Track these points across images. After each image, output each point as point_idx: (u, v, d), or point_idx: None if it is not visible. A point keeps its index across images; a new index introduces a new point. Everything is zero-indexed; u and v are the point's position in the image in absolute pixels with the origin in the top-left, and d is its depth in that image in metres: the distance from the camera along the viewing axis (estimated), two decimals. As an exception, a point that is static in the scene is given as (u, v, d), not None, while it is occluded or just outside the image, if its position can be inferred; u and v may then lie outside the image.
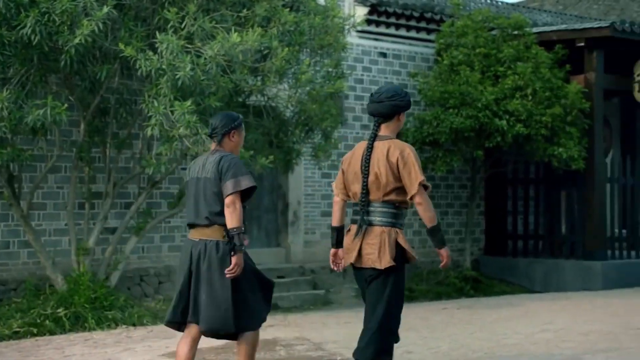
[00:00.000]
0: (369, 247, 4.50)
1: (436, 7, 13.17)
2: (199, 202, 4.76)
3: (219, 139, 4.85)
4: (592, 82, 12.44)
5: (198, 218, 4.76)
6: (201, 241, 4.72)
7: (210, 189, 4.70)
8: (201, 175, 4.78)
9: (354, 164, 4.64)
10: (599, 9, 21.80)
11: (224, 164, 4.69)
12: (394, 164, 4.49)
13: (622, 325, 7.78)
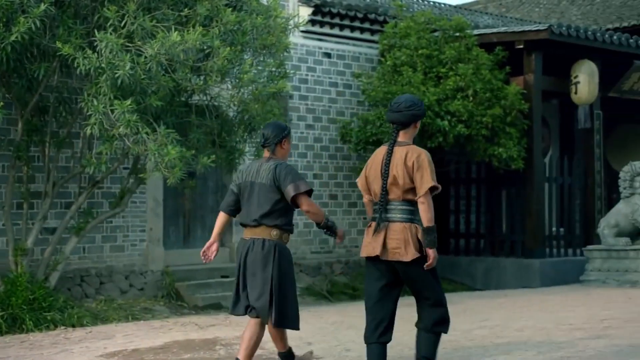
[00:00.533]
0: (394, 241, 4.91)
1: (380, 8, 13.31)
2: (252, 205, 5.28)
3: (272, 148, 5.36)
4: (531, 83, 12.72)
5: (248, 219, 5.31)
6: (250, 239, 5.27)
7: (265, 193, 5.23)
8: (256, 180, 5.29)
9: (375, 166, 5.10)
10: (540, 12, 22.27)
11: (280, 172, 5.21)
12: (410, 167, 4.95)
13: (556, 320, 7.99)
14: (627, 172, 12.09)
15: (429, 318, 5.12)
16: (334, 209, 13.05)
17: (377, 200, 5.00)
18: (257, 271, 5.16)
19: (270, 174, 5.21)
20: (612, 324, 7.63)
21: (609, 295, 10.33)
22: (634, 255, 11.67)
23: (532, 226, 12.77)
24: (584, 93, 12.96)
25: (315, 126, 12.92)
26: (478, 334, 7.25)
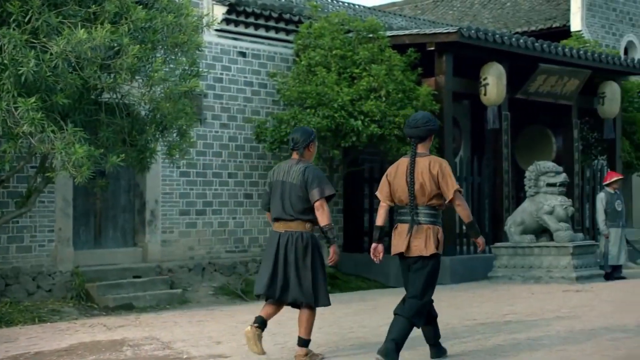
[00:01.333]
0: (417, 240, 5.80)
1: (295, 8, 13.38)
2: (285, 201, 5.95)
3: (301, 151, 6.05)
4: (442, 84, 13.03)
5: (284, 214, 5.96)
6: (286, 232, 5.93)
7: (296, 192, 5.92)
8: (286, 180, 5.97)
9: (399, 176, 5.83)
10: (453, 15, 22.78)
11: (309, 174, 5.91)
12: (435, 175, 5.70)
13: (461, 316, 8.21)
14: (532, 172, 12.49)
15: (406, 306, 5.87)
16: (249, 208, 13.07)
17: (407, 205, 5.78)
18: (300, 261, 5.92)
19: (300, 175, 5.92)
20: (513, 319, 7.90)
21: (514, 291, 10.68)
22: (538, 252, 12.09)
23: (443, 224, 13.03)
24: (493, 94, 13.35)
25: (230, 125, 12.90)
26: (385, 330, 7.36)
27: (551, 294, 10.18)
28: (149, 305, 10.33)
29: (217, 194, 12.68)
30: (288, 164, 6.06)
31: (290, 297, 6.01)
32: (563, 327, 7.22)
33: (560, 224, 12.07)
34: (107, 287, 10.50)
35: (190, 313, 9.48)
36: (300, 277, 5.93)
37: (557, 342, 6.47)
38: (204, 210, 12.47)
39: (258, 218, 13.12)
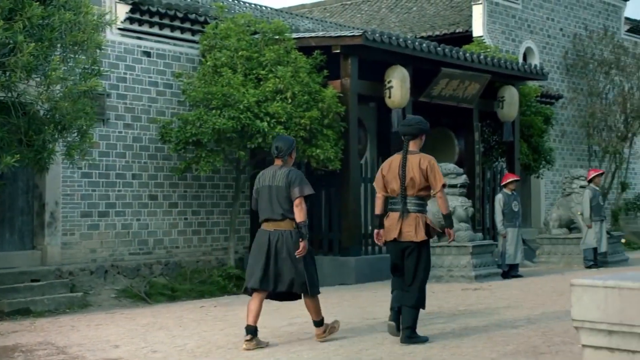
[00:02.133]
0: (408, 227, 6.47)
1: (200, 8, 13.30)
2: (273, 203, 6.59)
3: (284, 158, 6.70)
4: (348, 87, 13.19)
5: (274, 214, 6.60)
6: (276, 231, 6.57)
7: (282, 194, 6.56)
8: (272, 184, 6.62)
9: (392, 169, 6.58)
10: (361, 18, 23.09)
11: (292, 176, 6.61)
12: (424, 170, 6.47)
13: (362, 315, 8.35)
14: (435, 173, 12.79)
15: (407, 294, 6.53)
16: (154, 210, 12.90)
17: (397, 196, 6.52)
18: (291, 256, 6.50)
19: (285, 178, 6.58)
20: (412, 317, 8.07)
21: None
22: (440, 251, 12.38)
23: (349, 225, 13.25)
24: (397, 97, 13.61)
25: (135, 126, 12.71)
26: (286, 331, 7.44)
27: (450, 293, 10.44)
28: (47, 310, 10.07)
29: (120, 195, 12.47)
30: (272, 169, 6.72)
31: (285, 287, 6.62)
32: (458, 325, 7.43)
33: (460, 224, 12.40)
34: (3, 292, 10.17)
35: (89, 317, 9.29)
36: (294, 269, 6.55)
37: (451, 340, 6.65)
38: (107, 212, 12.24)
39: (163, 220, 12.98)
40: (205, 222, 13.61)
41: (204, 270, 12.93)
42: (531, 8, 21.08)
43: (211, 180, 13.75)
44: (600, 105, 22.01)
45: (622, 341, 3.86)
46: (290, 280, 6.56)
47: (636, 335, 3.79)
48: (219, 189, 13.93)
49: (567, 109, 22.18)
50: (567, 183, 15.12)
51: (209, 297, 11.71)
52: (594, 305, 3.91)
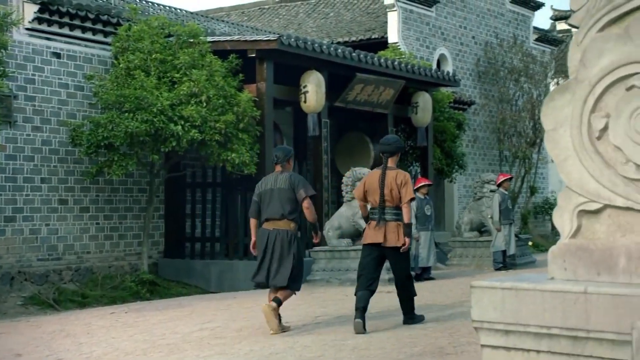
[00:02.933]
0: (391, 234, 7.33)
1: (113, 10, 13.08)
2: (275, 204, 7.30)
3: (283, 164, 7.48)
4: (263, 91, 13.20)
5: (274, 214, 7.32)
6: (274, 230, 7.32)
7: (286, 195, 7.31)
8: (275, 187, 7.36)
9: (373, 183, 7.43)
10: (279, 22, 23.14)
11: (294, 179, 7.43)
12: (399, 184, 7.33)
13: (274, 319, 8.35)
14: (349, 178, 12.93)
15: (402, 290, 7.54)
16: (64, 214, 12.61)
17: (377, 206, 7.34)
18: (285, 253, 7.30)
19: (287, 181, 7.35)
20: (324, 320, 8.15)
21: (329, 294, 10.99)
22: (354, 255, 12.48)
23: (264, 229, 13.21)
24: (312, 102, 13.70)
25: (44, 128, 12.39)
26: (197, 336, 7.39)
27: (364, 295, 10.54)
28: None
29: (28, 200, 12.12)
30: (273, 175, 7.52)
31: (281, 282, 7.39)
32: (369, 327, 7.52)
33: (373, 228, 12.57)
34: None
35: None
36: (281, 265, 7.30)
37: (361, 342, 6.74)
38: (14, 217, 11.89)
39: (74, 224, 12.68)
40: (118, 227, 13.37)
41: (116, 276, 12.69)
42: (444, 16, 21.56)
43: (124, 184, 13.52)
44: (510, 112, 22.69)
45: (517, 340, 3.99)
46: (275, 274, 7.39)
47: (530, 334, 3.93)
48: (133, 193, 13.72)
49: (479, 115, 22.78)
50: (478, 187, 15.52)
51: (120, 303, 11.50)
52: (492, 306, 4.04)
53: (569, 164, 4.17)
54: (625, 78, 3.90)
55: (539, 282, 4.04)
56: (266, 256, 7.34)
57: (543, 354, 3.95)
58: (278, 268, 7.33)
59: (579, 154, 4.12)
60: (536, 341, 3.92)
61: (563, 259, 4.19)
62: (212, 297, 11.38)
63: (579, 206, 4.12)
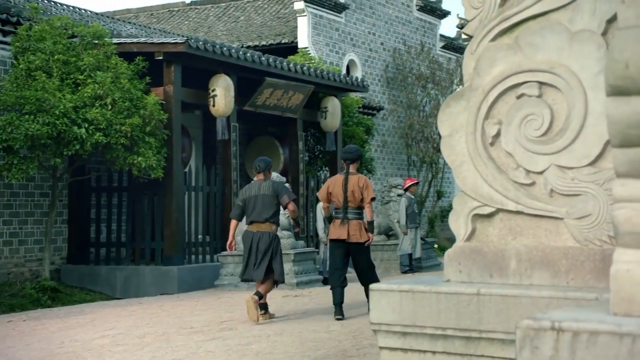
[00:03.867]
0: (354, 231, 8.40)
1: (12, 8, 12.66)
2: (258, 209, 8.33)
3: (265, 173, 8.61)
4: (171, 94, 13.03)
5: (259, 217, 8.36)
6: (259, 232, 8.36)
7: (269, 201, 8.35)
8: (259, 193, 8.39)
9: (337, 186, 8.51)
10: (189, 25, 22.91)
11: (277, 186, 8.55)
12: (361, 187, 8.45)
13: (179, 325, 8.25)
14: (258, 182, 12.91)
15: (366, 277, 8.31)
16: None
17: (341, 207, 8.44)
18: (267, 252, 8.30)
19: (270, 188, 8.40)
20: (229, 326, 8.10)
21: (237, 299, 10.92)
22: (263, 259, 12.50)
23: (172, 233, 13.06)
24: (221, 106, 13.62)
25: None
26: (98, 344, 7.22)
27: (271, 300, 10.51)
28: None
29: None
30: (257, 183, 8.53)
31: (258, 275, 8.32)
32: (274, 331, 7.54)
33: (283, 232, 12.56)
34: None
35: None
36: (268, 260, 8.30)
37: (265, 346, 6.73)
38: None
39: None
40: (18, 232, 12.94)
41: (15, 283, 12.26)
42: (354, 22, 21.82)
43: (25, 189, 13.09)
44: (418, 118, 23.15)
45: (414, 342, 4.07)
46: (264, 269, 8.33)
47: (427, 335, 4.01)
48: (34, 198, 13.29)
49: (388, 120, 23.14)
50: (386, 191, 15.75)
51: (19, 311, 11.11)
52: (390, 308, 4.11)
53: (464, 169, 4.29)
54: (516, 87, 4.05)
55: (434, 284, 4.13)
56: (251, 254, 8.34)
57: (438, 355, 4.05)
58: (260, 264, 8.31)
59: (474, 159, 4.24)
60: (432, 342, 4.01)
61: (458, 262, 4.31)
62: (117, 304, 11.15)
63: (474, 210, 4.25)
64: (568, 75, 3.85)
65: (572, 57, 3.84)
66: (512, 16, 4.04)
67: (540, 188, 3.98)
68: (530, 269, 4.00)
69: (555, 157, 3.93)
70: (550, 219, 3.95)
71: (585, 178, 3.85)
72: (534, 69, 3.95)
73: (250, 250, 8.33)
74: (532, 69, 3.96)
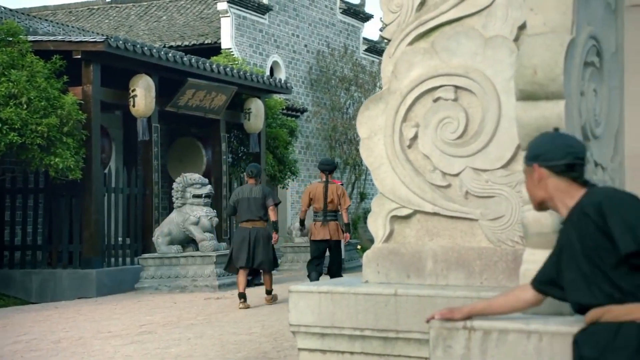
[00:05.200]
0: (333, 231, 10.30)
1: None
2: (252, 209, 9.78)
3: (256, 178, 10.05)
4: (90, 94, 12.74)
5: (252, 216, 9.78)
6: (254, 228, 9.76)
7: (259, 203, 9.78)
8: (251, 196, 9.81)
9: (317, 193, 10.40)
10: (109, 24, 22.47)
11: (266, 191, 10.05)
12: (339, 195, 10.38)
13: (97, 329, 8.07)
14: (180, 183, 12.75)
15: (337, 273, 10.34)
16: None
17: (321, 211, 10.30)
18: (261, 244, 9.71)
19: (261, 192, 9.88)
20: (149, 329, 7.97)
21: (157, 301, 10.77)
22: (184, 261, 12.35)
23: (91, 236, 12.77)
24: (142, 106, 13.40)
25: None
26: (10, 350, 7.00)
27: (193, 302, 10.45)
28: None
29: None
30: (248, 186, 9.97)
31: (257, 264, 9.81)
32: (194, 334, 7.46)
33: (205, 234, 12.48)
34: None
35: None
36: (264, 252, 9.72)
37: (184, 349, 6.65)
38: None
39: None
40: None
41: None
42: (277, 24, 21.82)
43: None
44: (341, 120, 23.31)
45: (333, 343, 4.09)
46: (260, 260, 9.72)
47: (345, 336, 4.04)
48: (-56, 200, 12.78)
49: (312, 122, 23.22)
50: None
51: None
52: (309, 310, 4.12)
53: (382, 171, 4.33)
54: (432, 90, 4.12)
55: (353, 285, 4.17)
56: (243, 247, 9.68)
57: (357, 355, 4.08)
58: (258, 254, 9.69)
59: (392, 161, 4.29)
60: (350, 343, 4.04)
61: (377, 263, 4.36)
62: (31, 308, 10.83)
63: (392, 212, 4.30)
64: (482, 80, 3.94)
65: (486, 62, 3.93)
66: (429, 21, 4.11)
67: (456, 190, 4.06)
68: (446, 269, 4.07)
69: (471, 160, 4.01)
70: (465, 220, 4.03)
71: (499, 180, 3.95)
72: (450, 73, 4.03)
73: (244, 242, 9.71)
74: (448, 73, 4.04)
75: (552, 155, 2.73)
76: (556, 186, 2.72)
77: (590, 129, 3.58)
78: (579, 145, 2.79)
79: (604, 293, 2.51)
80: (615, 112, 3.98)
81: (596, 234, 2.54)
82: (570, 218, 2.68)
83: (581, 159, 2.74)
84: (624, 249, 2.46)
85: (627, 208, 2.54)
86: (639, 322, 2.45)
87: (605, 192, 2.67)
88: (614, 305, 2.49)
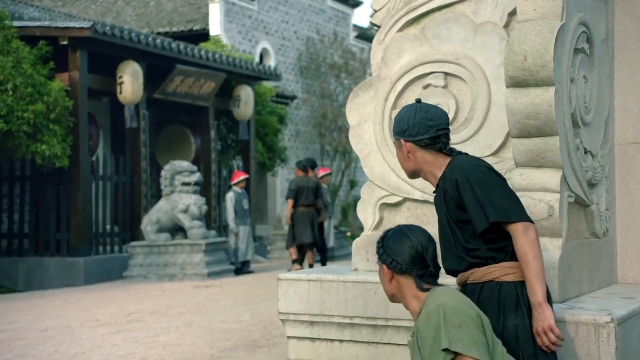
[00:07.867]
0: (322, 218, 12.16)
1: None
2: (309, 196, 11.72)
3: (314, 170, 11.91)
4: (76, 80, 12.62)
5: (309, 202, 11.74)
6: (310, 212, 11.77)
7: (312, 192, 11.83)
8: (307, 185, 11.73)
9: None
10: (96, 10, 22.28)
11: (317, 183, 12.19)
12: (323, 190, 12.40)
13: (84, 318, 8.03)
14: (168, 171, 12.69)
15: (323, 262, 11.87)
16: None
17: None
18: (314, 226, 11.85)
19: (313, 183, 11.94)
20: (137, 317, 7.94)
21: (146, 290, 10.74)
22: (173, 249, 12.32)
23: (78, 224, 12.69)
24: (129, 93, 13.30)
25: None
26: (-2, 339, 6.95)
27: (181, 291, 10.42)
28: None
29: None
30: (305, 178, 11.85)
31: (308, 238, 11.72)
32: (183, 322, 7.43)
33: (194, 222, 12.43)
34: None
35: None
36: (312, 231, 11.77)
37: (173, 338, 6.62)
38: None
39: None
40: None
41: None
42: (267, 10, 21.69)
43: None
44: (331, 107, 23.23)
45: (322, 330, 4.07)
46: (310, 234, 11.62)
47: (334, 324, 4.01)
48: None
49: (301, 110, 23.14)
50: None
51: None
52: (298, 298, 4.09)
53: (372, 158, 4.30)
54: (423, 77, 4.08)
55: (342, 273, 4.14)
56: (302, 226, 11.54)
57: (346, 343, 4.06)
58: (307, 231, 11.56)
59: (381, 149, 4.25)
60: (339, 331, 4.02)
61: (366, 251, 4.33)
62: (18, 296, 10.78)
63: (381, 199, 4.27)
64: (472, 67, 3.90)
65: (476, 48, 3.89)
66: (419, 7, 4.07)
67: (446, 177, 4.03)
68: (435, 257, 4.05)
69: (461, 147, 3.97)
70: (454, 208, 4.00)
71: (489, 167, 3.92)
72: (440, 59, 3.99)
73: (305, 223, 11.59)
74: (438, 59, 4.00)
75: (415, 130, 2.92)
76: (423, 158, 2.95)
77: (580, 115, 3.55)
78: (441, 116, 2.97)
79: (467, 262, 2.88)
80: (606, 99, 3.96)
81: (457, 208, 2.83)
82: (438, 190, 2.93)
83: (444, 130, 2.94)
84: (478, 228, 2.78)
85: (480, 186, 2.77)
86: (496, 281, 2.83)
87: (461, 168, 2.85)
88: (476, 268, 2.87)
